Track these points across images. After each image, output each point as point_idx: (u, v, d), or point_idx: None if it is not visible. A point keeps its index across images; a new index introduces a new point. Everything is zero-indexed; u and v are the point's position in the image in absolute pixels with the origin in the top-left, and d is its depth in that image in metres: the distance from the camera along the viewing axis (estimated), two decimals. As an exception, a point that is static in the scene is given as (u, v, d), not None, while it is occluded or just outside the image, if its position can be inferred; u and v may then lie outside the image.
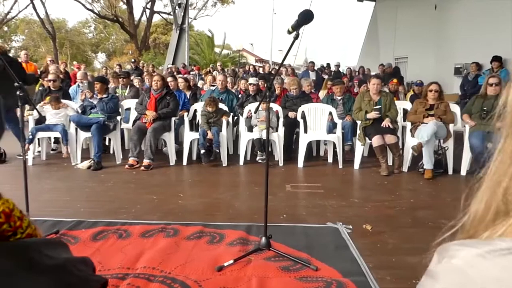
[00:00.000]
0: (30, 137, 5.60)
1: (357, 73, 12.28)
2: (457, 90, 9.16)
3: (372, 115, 5.46)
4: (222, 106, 6.18)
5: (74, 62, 19.48)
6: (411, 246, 3.00)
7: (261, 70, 14.58)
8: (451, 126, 5.41)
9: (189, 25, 17.64)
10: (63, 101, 6.18)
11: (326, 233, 3.26)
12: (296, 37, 2.11)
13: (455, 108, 6.01)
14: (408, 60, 13.16)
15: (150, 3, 27.31)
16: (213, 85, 7.70)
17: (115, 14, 27.14)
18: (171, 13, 26.70)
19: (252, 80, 6.91)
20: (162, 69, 17.39)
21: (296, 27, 2.09)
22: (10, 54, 9.53)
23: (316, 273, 2.54)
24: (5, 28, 31.99)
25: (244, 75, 12.79)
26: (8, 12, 27.19)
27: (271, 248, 2.75)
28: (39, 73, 10.72)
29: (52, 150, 6.63)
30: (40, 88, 7.43)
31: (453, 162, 5.35)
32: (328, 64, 14.63)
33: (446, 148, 5.30)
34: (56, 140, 6.64)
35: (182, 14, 16.84)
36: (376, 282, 2.43)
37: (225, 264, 2.60)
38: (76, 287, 0.51)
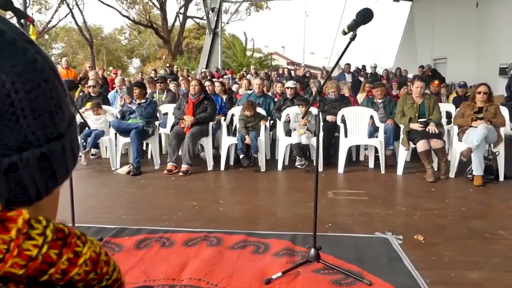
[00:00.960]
0: (84, 144, 5.71)
1: (394, 75, 11.94)
2: (503, 91, 8.73)
3: (416, 126, 5.23)
4: (260, 110, 6.10)
5: (110, 68, 19.95)
6: (469, 260, 2.81)
7: (293, 73, 14.46)
8: (501, 129, 5.12)
9: (222, 29, 17.74)
10: (103, 106, 6.27)
11: (375, 243, 3.11)
12: (353, 38, 2.00)
13: (504, 111, 5.69)
14: (447, 61, 12.71)
15: (183, 8, 27.68)
16: (250, 89, 7.64)
17: (149, 20, 27.66)
18: (204, 18, 27.00)
19: (289, 83, 6.80)
20: (195, 73, 17.55)
21: (353, 27, 1.98)
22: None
23: (370, 288, 2.40)
24: (46, 36, 33.22)
25: (278, 78, 12.69)
26: (49, 21, 28.21)
27: (320, 260, 2.63)
28: (78, 79, 11.06)
29: (92, 155, 6.73)
30: (80, 94, 7.61)
31: (504, 168, 5.06)
32: (364, 66, 14.33)
33: (497, 153, 5.01)
34: (96, 145, 6.75)
35: (215, 18, 16.93)
36: (437, 300, 2.27)
37: (273, 276, 2.50)
38: None
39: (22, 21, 2.38)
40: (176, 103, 6.54)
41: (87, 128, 6.00)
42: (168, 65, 14.23)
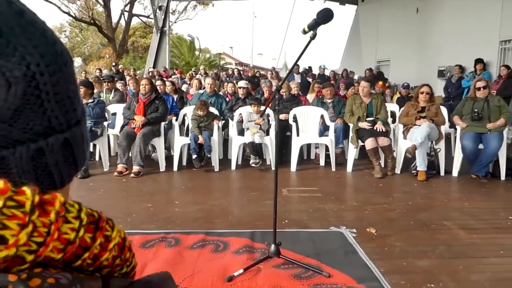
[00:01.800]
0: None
1: (341, 76, 12.35)
2: (441, 93, 9.30)
3: (364, 125, 5.45)
4: (212, 110, 6.08)
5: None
6: (418, 249, 2.98)
7: (242, 73, 14.51)
8: (442, 128, 5.45)
9: (169, 29, 17.44)
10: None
11: (331, 238, 3.20)
12: (313, 37, 2.05)
13: (443, 110, 6.07)
14: (390, 63, 13.32)
15: (128, 6, 26.91)
16: (202, 89, 7.59)
17: (92, 17, 26.62)
18: (151, 16, 26.41)
19: (242, 83, 6.83)
20: (142, 72, 17.15)
21: (314, 26, 2.03)
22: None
23: (329, 280, 2.48)
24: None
25: (228, 78, 12.70)
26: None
27: (281, 256, 2.67)
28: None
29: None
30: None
31: (444, 163, 5.39)
32: (310, 67, 14.68)
33: (438, 149, 5.33)
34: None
35: (163, 17, 16.63)
36: (392, 288, 2.39)
37: (235, 273, 2.51)
38: None
39: None
40: (125, 103, 6.37)
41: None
42: (114, 64, 13.76)
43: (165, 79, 8.92)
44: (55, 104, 0.36)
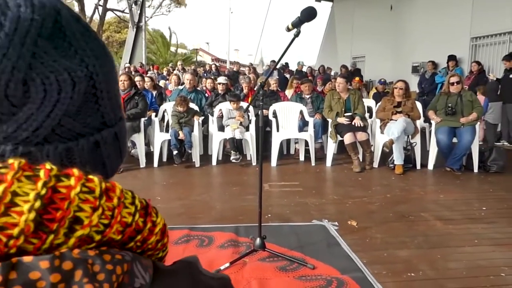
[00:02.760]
0: None
1: (318, 72, 12.48)
2: (415, 88, 9.53)
3: (343, 120, 5.55)
4: (192, 106, 6.07)
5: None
6: (398, 240, 3.08)
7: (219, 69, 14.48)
8: (418, 122, 5.61)
9: (145, 24, 17.22)
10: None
11: (314, 231, 3.27)
12: (296, 35, 2.09)
13: (418, 105, 6.24)
14: (365, 59, 13.55)
15: (102, 0, 26.35)
16: (181, 85, 7.55)
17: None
18: (125, 11, 25.94)
19: (221, 79, 6.84)
20: (117, 68, 16.88)
21: (297, 24, 2.07)
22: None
23: (314, 272, 2.54)
24: None
25: (206, 74, 12.66)
26: None
27: (266, 249, 2.72)
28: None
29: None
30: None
31: (420, 157, 5.55)
32: (287, 63, 14.77)
33: (414, 144, 5.49)
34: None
35: (139, 12, 16.40)
36: (374, 277, 2.47)
37: (222, 267, 2.54)
38: None
39: None
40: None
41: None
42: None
43: (145, 75, 8.83)
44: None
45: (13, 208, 0.29)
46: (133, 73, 10.70)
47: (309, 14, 2.03)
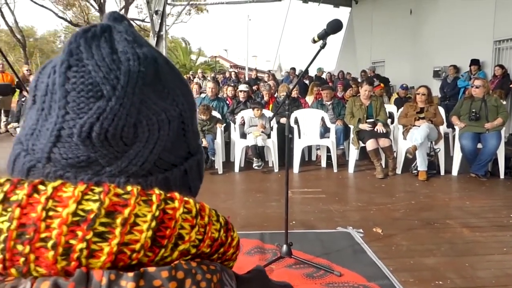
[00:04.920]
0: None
1: (337, 78, 12.46)
2: (437, 93, 9.42)
3: (365, 126, 5.56)
4: (215, 113, 6.16)
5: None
6: (424, 248, 3.08)
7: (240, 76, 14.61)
8: (441, 128, 5.57)
9: (166, 32, 17.49)
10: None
11: (339, 238, 3.29)
12: (322, 46, 2.14)
13: (441, 110, 6.18)
14: (385, 64, 13.46)
15: (123, 10, 26.92)
16: (202, 93, 7.67)
17: (87, 22, 26.62)
18: (146, 20, 26.40)
19: (242, 87, 6.91)
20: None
21: (323, 36, 2.12)
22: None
23: (340, 279, 2.56)
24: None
25: (225, 81, 12.78)
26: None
27: (292, 256, 2.76)
28: (15, 83, 10.46)
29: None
30: (23, 99, 7.23)
31: (444, 163, 5.50)
32: (307, 70, 14.77)
33: (438, 149, 5.44)
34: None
35: (159, 21, 16.67)
36: (401, 285, 2.48)
37: (250, 274, 2.58)
38: None
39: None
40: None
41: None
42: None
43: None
44: (192, 134, 0.46)
45: (135, 227, 0.35)
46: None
47: (335, 27, 2.08)
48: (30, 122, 0.42)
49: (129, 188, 0.37)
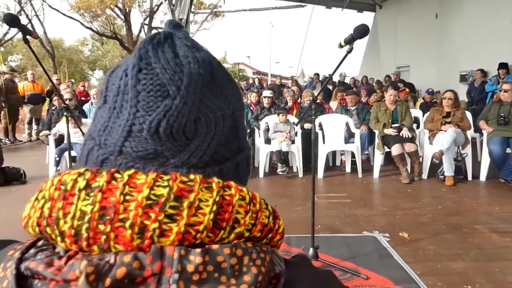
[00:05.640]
0: (57, 159, 5.64)
1: (361, 83, 12.41)
2: (464, 97, 9.27)
3: (390, 131, 5.54)
4: (239, 119, 6.24)
5: (72, 80, 19.41)
6: (452, 252, 3.05)
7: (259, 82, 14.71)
8: (468, 132, 5.49)
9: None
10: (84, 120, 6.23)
11: (365, 242, 3.30)
12: (349, 51, 2.19)
13: (468, 115, 6.09)
14: (410, 69, 13.31)
15: (148, 19, 27.52)
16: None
17: (113, 31, 27.31)
18: (170, 29, 26.81)
19: (267, 93, 6.99)
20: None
21: (350, 41, 2.17)
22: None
23: (367, 282, 2.58)
24: (1, 49, 32.01)
25: (249, 88, 12.89)
26: (6, 33, 27.29)
27: (319, 259, 2.79)
28: (46, 92, 10.83)
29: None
30: (54, 108, 7.48)
31: (471, 168, 5.42)
32: (330, 75, 14.75)
33: (465, 154, 5.37)
34: (74, 159, 6.64)
35: (183, 29, 16.99)
36: (429, 289, 2.48)
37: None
38: None
39: (27, 37, 2.42)
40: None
41: (64, 143, 5.95)
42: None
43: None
44: (242, 131, 0.52)
45: (199, 211, 0.41)
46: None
47: (361, 32, 2.12)
48: (101, 119, 0.48)
49: (192, 176, 0.43)
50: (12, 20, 2.31)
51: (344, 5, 14.34)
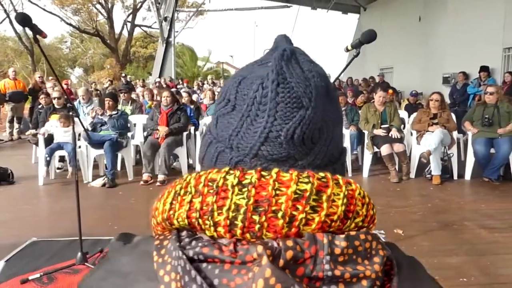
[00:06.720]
0: (48, 159, 5.59)
1: (346, 84, 12.62)
2: (446, 99, 9.54)
3: (379, 132, 5.70)
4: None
5: (50, 78, 19.07)
6: (446, 248, 3.20)
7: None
8: (454, 133, 5.69)
9: (175, 39, 17.75)
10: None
11: (362, 239, 3.41)
12: (356, 55, 2.28)
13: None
14: (393, 70, 13.60)
15: (131, 17, 27.26)
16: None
17: (95, 28, 26.94)
18: (152, 26, 26.68)
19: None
20: (149, 83, 17.39)
21: (357, 45, 2.26)
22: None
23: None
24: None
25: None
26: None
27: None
28: (28, 90, 10.62)
29: (58, 169, 6.52)
30: (41, 107, 7.37)
31: (457, 168, 5.62)
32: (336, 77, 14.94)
33: (451, 154, 5.57)
34: (61, 159, 6.58)
35: (168, 27, 16.93)
36: (428, 283, 2.59)
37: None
38: None
39: (37, 36, 2.44)
40: (142, 114, 6.67)
41: (54, 142, 5.91)
42: (123, 75, 14.01)
43: (183, 90, 9.16)
44: (341, 136, 0.59)
45: (333, 203, 0.48)
46: (164, 87, 11.05)
47: (368, 37, 2.21)
48: (231, 125, 0.54)
49: (322, 174, 0.50)
50: (23, 20, 2.32)
51: (329, 6, 14.54)
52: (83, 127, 3.46)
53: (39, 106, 7.66)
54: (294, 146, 0.51)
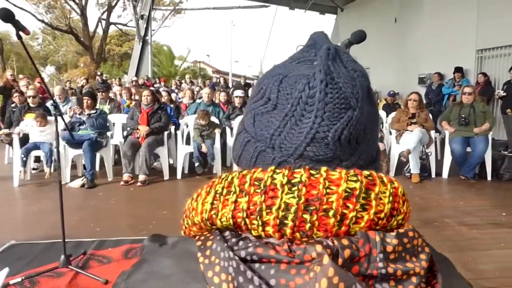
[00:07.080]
0: (24, 159, 5.42)
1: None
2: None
3: None
4: (213, 119, 6.27)
5: (20, 76, 18.53)
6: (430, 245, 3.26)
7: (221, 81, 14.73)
8: (432, 132, 5.83)
9: (151, 37, 17.51)
10: (49, 117, 6.01)
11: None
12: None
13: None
14: (370, 71, 13.78)
15: (106, 14, 26.75)
16: (199, 98, 7.77)
17: (69, 26, 26.30)
18: (128, 24, 26.26)
19: (238, 92, 7.06)
20: (125, 81, 17.10)
21: (347, 46, 2.27)
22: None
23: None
24: None
25: (214, 87, 12.89)
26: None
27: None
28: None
29: (33, 169, 6.34)
30: (14, 105, 7.13)
31: (435, 166, 5.76)
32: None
33: (429, 153, 5.70)
34: (37, 159, 6.39)
35: (145, 26, 16.69)
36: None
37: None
38: None
39: (20, 33, 2.36)
40: (121, 113, 6.56)
41: (30, 141, 5.74)
42: (99, 73, 13.73)
43: (162, 88, 9.04)
44: (377, 138, 0.59)
45: (380, 201, 0.48)
46: (142, 85, 10.90)
47: (358, 37, 2.23)
48: (272, 125, 0.52)
49: (367, 172, 0.50)
50: (7, 16, 2.24)
51: (307, 7, 14.64)
52: (67, 126, 3.34)
53: (12, 105, 7.41)
54: (340, 146, 0.50)
